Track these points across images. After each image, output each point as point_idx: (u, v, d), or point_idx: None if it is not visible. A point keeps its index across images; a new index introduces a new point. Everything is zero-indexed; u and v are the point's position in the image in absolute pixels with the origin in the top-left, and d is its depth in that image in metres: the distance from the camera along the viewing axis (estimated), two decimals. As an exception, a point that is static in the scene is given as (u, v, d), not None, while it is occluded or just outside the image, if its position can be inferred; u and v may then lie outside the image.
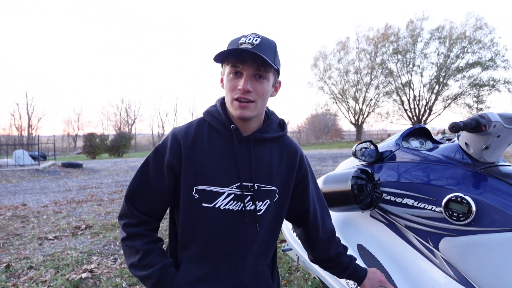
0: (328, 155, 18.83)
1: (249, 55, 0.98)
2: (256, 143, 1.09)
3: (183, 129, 1.09)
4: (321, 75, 38.40)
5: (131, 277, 3.06)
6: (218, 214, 1.04)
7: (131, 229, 1.06)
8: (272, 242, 1.13)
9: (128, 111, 45.65)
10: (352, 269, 1.24)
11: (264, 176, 1.08)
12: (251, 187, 1.06)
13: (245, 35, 1.02)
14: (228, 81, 1.03)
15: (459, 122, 1.25)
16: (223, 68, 1.06)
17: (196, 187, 1.04)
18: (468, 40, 29.95)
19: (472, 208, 1.19)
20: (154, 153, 1.09)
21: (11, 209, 6.17)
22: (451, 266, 1.24)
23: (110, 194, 7.82)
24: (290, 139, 1.19)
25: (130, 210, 1.07)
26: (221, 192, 1.04)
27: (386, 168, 1.61)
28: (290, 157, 1.14)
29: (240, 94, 1.00)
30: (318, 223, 1.22)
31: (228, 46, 1.04)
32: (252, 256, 1.08)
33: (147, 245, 1.04)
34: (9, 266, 3.34)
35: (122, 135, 26.99)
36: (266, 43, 1.01)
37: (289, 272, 3.11)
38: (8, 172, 12.43)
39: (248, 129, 1.08)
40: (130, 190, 1.09)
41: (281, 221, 1.15)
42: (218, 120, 1.09)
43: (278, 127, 1.16)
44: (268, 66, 1.01)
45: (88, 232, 4.52)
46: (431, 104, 33.64)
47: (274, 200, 1.10)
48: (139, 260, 1.03)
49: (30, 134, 37.12)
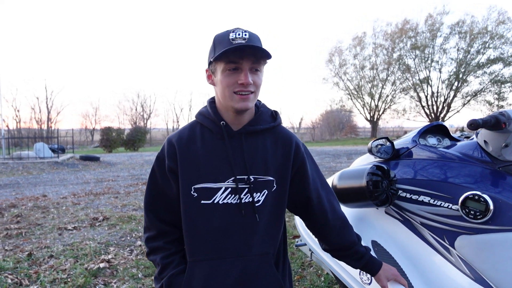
0: (342, 151, 18.67)
1: (249, 50, 1.00)
2: (248, 136, 1.11)
3: (176, 134, 1.14)
4: (336, 70, 38.02)
5: (147, 268, 3.14)
6: (218, 209, 1.07)
7: (151, 243, 1.13)
8: (276, 231, 1.14)
9: (143, 106, 46.27)
10: (368, 259, 1.23)
11: (259, 167, 1.10)
12: (247, 180, 1.08)
13: (231, 30, 1.03)
14: (224, 77, 1.04)
15: (478, 119, 1.23)
16: (213, 65, 1.08)
17: (194, 186, 1.07)
18: (490, 35, 29.04)
19: (489, 206, 1.18)
20: (156, 161, 1.14)
21: (32, 200, 6.39)
22: (467, 265, 1.24)
23: (126, 187, 7.98)
24: (284, 129, 1.20)
25: (150, 221, 1.14)
26: (218, 187, 1.07)
27: (402, 165, 1.60)
28: (285, 146, 1.15)
29: (241, 88, 1.03)
30: (326, 209, 1.21)
31: (216, 43, 1.05)
32: (255, 246, 1.09)
33: (165, 259, 1.10)
34: (31, 254, 3.47)
35: (138, 129, 27.41)
36: (254, 36, 1.04)
37: (302, 267, 3.12)
38: (29, 164, 12.82)
39: (240, 122, 1.11)
40: (146, 201, 1.16)
41: (282, 210, 1.16)
42: (208, 119, 1.12)
43: (270, 118, 1.17)
44: (265, 58, 1.05)
45: (106, 224, 4.64)
46: (450, 101, 32.88)
47: (272, 190, 1.12)
48: (159, 273, 1.11)
49: (50, 127, 38.09)
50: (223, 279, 1.07)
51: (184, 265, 1.10)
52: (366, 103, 38.00)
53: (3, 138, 16.97)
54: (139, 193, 7.04)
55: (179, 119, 48.21)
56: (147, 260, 3.30)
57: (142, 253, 3.53)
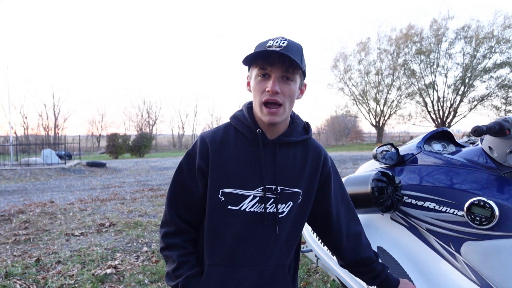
0: (348, 157, 18.60)
1: (278, 57, 0.99)
2: (281, 147, 1.10)
3: (210, 133, 1.12)
4: (341, 76, 37.93)
5: (153, 274, 3.15)
6: (243, 216, 1.06)
7: (169, 239, 1.11)
8: (293, 242, 1.14)
9: (149, 112, 46.51)
10: (384, 277, 1.21)
11: (288, 178, 1.09)
12: (274, 190, 1.08)
13: (272, 38, 1.03)
14: (256, 84, 1.04)
15: (481, 125, 1.24)
16: (250, 71, 1.08)
17: (223, 190, 1.06)
18: (496, 40, 28.87)
19: (495, 212, 1.18)
20: (185, 158, 1.12)
21: (40, 206, 6.45)
22: (473, 271, 1.23)
23: (132, 193, 8.02)
24: (314, 141, 1.20)
25: (171, 217, 1.11)
26: (247, 195, 1.06)
27: (408, 171, 1.61)
28: (314, 158, 1.15)
29: (268, 96, 1.01)
30: (342, 225, 1.20)
31: (255, 49, 1.05)
32: (273, 257, 1.09)
33: (181, 258, 1.09)
34: (39, 260, 3.50)
35: (144, 136, 27.56)
36: (293, 46, 1.02)
37: (307, 274, 3.11)
38: (36, 170, 12.96)
39: (274, 132, 1.10)
40: (170, 197, 1.13)
41: (303, 222, 1.16)
42: (244, 125, 1.11)
43: (302, 130, 1.17)
44: (296, 68, 1.02)
45: (112, 230, 4.67)
46: (456, 106, 32.61)
47: (297, 202, 1.11)
48: (173, 270, 1.09)
49: (57, 133, 38.50)
50: (238, 286, 1.07)
51: (198, 268, 1.10)
52: (372, 108, 37.84)
53: (12, 145, 17.18)
54: (145, 199, 7.08)
55: (184, 125, 48.45)
56: (154, 266, 3.32)
57: (148, 259, 3.55)
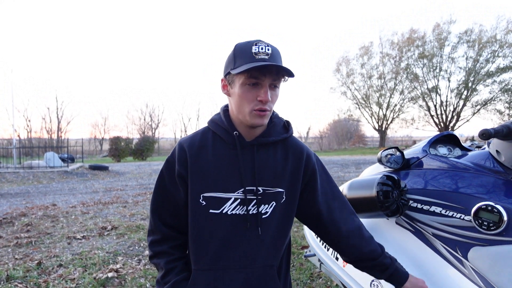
0: (350, 161, 18.55)
1: (274, 68, 0.99)
2: (260, 147, 1.10)
3: (188, 139, 1.13)
4: (343, 80, 37.98)
5: (155, 277, 3.13)
6: (225, 219, 1.06)
7: (156, 247, 1.13)
8: (281, 243, 1.13)
9: (152, 116, 46.65)
10: (393, 270, 1.19)
11: (269, 179, 1.09)
12: (255, 191, 1.07)
13: (253, 42, 1.01)
14: (244, 92, 1.02)
15: (489, 129, 1.22)
16: (231, 76, 1.05)
17: (203, 194, 1.06)
18: (499, 44, 28.83)
19: (503, 217, 1.16)
20: (165, 165, 1.13)
21: (42, 209, 6.45)
22: (481, 277, 1.21)
23: (134, 196, 8.02)
24: (295, 140, 1.19)
25: (156, 224, 1.13)
26: (228, 197, 1.06)
27: (413, 175, 1.59)
28: (295, 157, 1.14)
29: (261, 105, 1.01)
30: (337, 220, 1.18)
31: (237, 53, 1.02)
32: (259, 258, 1.08)
33: (169, 264, 1.10)
34: (40, 263, 3.49)
35: (146, 139, 27.61)
36: (275, 51, 1.02)
37: (310, 278, 3.08)
38: (39, 174, 12.98)
39: (252, 133, 1.10)
40: (153, 204, 1.15)
41: (290, 221, 1.14)
42: (221, 128, 1.11)
43: (282, 129, 1.16)
44: (287, 75, 1.02)
45: (114, 233, 4.66)
46: (459, 110, 32.52)
47: (281, 202, 1.11)
48: (161, 277, 1.10)
49: (60, 137, 38.66)
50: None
51: (186, 272, 1.10)
52: (374, 112, 37.82)
53: (15, 148, 17.24)
54: (147, 203, 7.06)
55: (187, 128, 48.51)
56: (155, 270, 3.30)
57: (150, 263, 3.53)
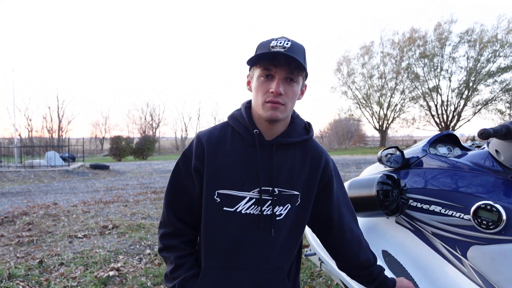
0: (351, 161, 18.54)
1: (283, 58, 0.97)
2: (279, 148, 1.08)
3: (207, 133, 1.10)
4: (344, 79, 38.00)
5: (156, 276, 3.14)
6: (239, 218, 1.04)
7: (167, 240, 1.10)
8: (293, 245, 1.12)
9: (152, 115, 46.76)
10: (381, 280, 1.20)
11: (285, 180, 1.07)
12: (271, 192, 1.05)
13: (275, 38, 1.01)
14: (258, 84, 1.02)
15: (488, 128, 1.23)
16: (252, 71, 1.06)
17: (218, 191, 1.04)
18: (500, 44, 28.78)
19: (502, 216, 1.17)
20: (182, 158, 1.10)
21: (44, 208, 6.47)
22: (480, 275, 1.22)
23: (135, 195, 8.03)
24: (315, 143, 1.17)
25: (169, 217, 1.10)
26: (243, 196, 1.04)
27: (413, 174, 1.59)
28: (314, 161, 1.12)
29: (272, 97, 0.99)
30: (345, 229, 1.18)
31: (258, 49, 1.04)
32: (271, 260, 1.07)
33: (179, 259, 1.08)
34: (42, 262, 3.50)
35: (147, 138, 27.66)
36: (296, 47, 1.00)
37: (311, 277, 3.09)
38: (40, 173, 13.01)
39: (273, 132, 1.07)
40: (167, 197, 1.12)
41: (303, 225, 1.13)
42: (241, 124, 1.09)
43: (303, 130, 1.14)
44: (300, 69, 1.00)
45: (115, 232, 4.67)
46: (460, 109, 32.51)
47: (296, 205, 1.09)
48: (170, 272, 1.08)
49: (61, 136, 38.74)
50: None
51: (196, 269, 1.09)
52: (375, 112, 37.82)
53: (16, 147, 17.27)
54: (148, 202, 7.08)
55: (187, 128, 48.53)
56: (156, 269, 3.31)
57: (151, 262, 3.54)
